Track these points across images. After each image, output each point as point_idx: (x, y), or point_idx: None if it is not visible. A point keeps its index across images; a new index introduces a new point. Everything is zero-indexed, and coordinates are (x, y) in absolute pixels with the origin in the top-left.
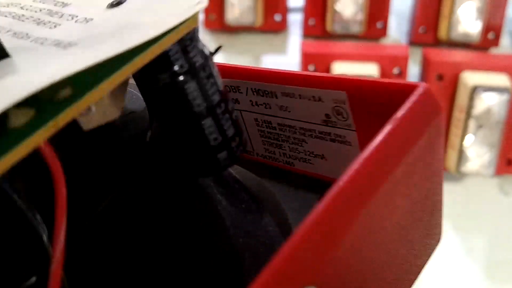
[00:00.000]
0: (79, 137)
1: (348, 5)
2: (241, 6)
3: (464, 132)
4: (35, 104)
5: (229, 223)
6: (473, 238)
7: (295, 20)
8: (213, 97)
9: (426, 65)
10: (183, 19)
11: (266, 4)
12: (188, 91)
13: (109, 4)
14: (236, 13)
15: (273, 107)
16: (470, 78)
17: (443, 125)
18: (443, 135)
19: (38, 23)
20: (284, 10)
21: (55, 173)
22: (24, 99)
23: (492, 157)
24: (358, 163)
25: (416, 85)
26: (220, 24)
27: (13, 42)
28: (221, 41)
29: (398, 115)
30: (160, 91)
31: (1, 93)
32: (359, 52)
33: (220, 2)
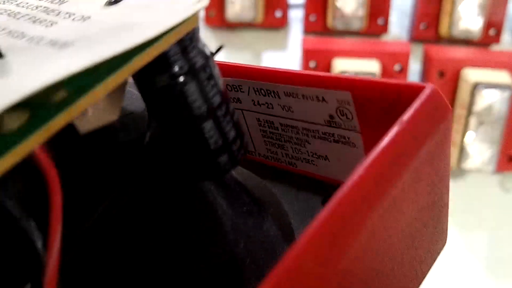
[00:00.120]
0: (76, 140)
1: (349, 1)
2: (242, 3)
3: (465, 129)
4: (29, 108)
5: (230, 228)
6: (474, 235)
7: (296, 17)
8: (214, 99)
9: (428, 62)
10: (183, 19)
11: (267, 1)
12: (188, 93)
13: (107, 2)
14: (237, 10)
15: (276, 107)
16: (471, 75)
17: (451, 127)
18: (451, 138)
19: (34, 21)
20: (285, 7)
21: (50, 179)
22: (17, 103)
23: (493, 154)
24: (364, 168)
25: (423, 86)
26: (220, 21)
27: (8, 42)
28: (221, 38)
29: (405, 118)
30: (159, 93)
31: None
32: (360, 49)
33: None
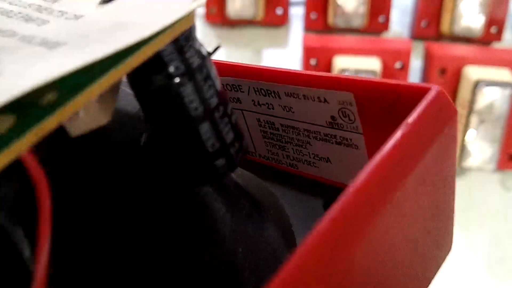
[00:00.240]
0: (69, 142)
1: None
2: (242, 0)
3: (466, 127)
4: (18, 110)
5: (228, 233)
6: (475, 233)
7: (297, 14)
8: (211, 100)
9: (429, 60)
10: (179, 18)
11: None
12: (184, 94)
13: (101, 0)
14: (237, 7)
15: (276, 108)
16: (473, 73)
17: (457, 129)
18: (457, 140)
19: (27, 20)
20: (286, 4)
21: (38, 184)
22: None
23: (494, 152)
24: (367, 172)
25: (428, 88)
26: (221, 18)
27: None
28: (222, 35)
29: (410, 120)
30: (154, 94)
31: None
32: (361, 46)
33: None
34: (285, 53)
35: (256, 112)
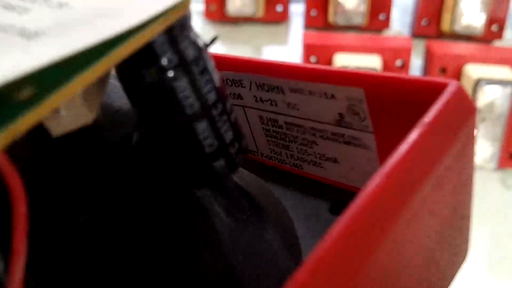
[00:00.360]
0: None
1: None
2: None
3: None
4: None
5: (227, 239)
6: (475, 232)
7: (297, 11)
8: (208, 96)
9: (429, 58)
10: (172, 4)
11: None
12: (178, 90)
13: None
14: (237, 4)
15: (280, 104)
16: (473, 71)
17: (475, 127)
18: (475, 140)
19: (6, 7)
20: (286, 1)
21: (13, 189)
22: None
23: (495, 151)
24: (382, 175)
25: (446, 83)
26: (221, 15)
27: None
28: (222, 32)
29: (427, 119)
30: (146, 90)
31: None
32: (361, 44)
33: None
34: (285, 51)
35: (258, 109)
